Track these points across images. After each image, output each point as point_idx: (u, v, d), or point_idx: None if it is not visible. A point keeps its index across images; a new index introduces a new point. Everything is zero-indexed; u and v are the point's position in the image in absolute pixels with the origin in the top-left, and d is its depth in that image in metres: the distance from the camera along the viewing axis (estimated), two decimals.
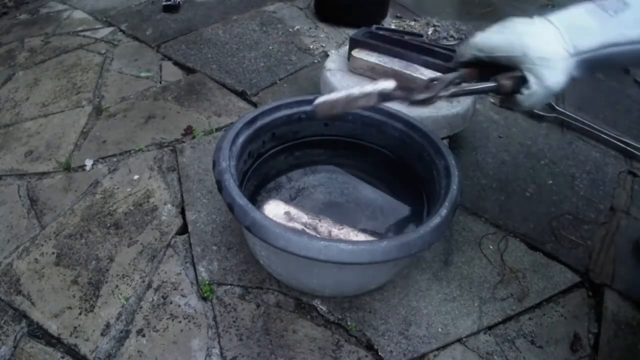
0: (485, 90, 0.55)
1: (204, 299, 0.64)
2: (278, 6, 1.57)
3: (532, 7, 1.83)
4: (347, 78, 0.91)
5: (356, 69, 0.91)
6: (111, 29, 1.39)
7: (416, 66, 0.86)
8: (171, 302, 0.64)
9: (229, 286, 0.66)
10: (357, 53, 0.90)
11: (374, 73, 0.89)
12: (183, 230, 0.75)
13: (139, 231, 0.74)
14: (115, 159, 0.89)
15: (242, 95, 1.09)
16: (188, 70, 1.19)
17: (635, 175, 0.95)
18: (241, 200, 0.51)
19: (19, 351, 0.58)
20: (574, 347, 0.62)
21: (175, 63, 1.22)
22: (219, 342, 0.59)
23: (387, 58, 0.89)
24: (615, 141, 1.00)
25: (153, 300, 0.64)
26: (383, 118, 0.73)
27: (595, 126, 1.04)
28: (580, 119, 1.06)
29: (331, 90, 0.89)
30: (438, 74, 0.62)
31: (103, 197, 0.80)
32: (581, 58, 0.49)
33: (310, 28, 1.44)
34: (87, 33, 1.36)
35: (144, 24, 1.41)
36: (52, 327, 0.60)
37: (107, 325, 0.61)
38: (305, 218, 0.64)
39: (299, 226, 0.63)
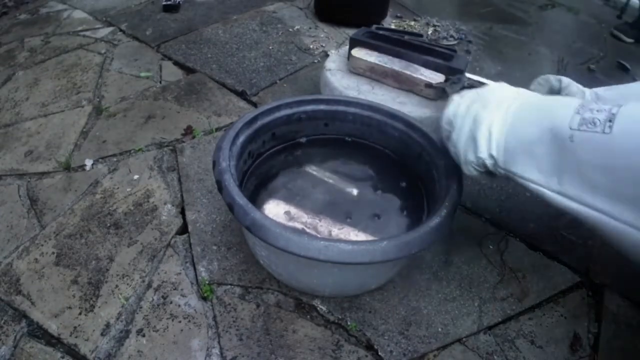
0: None
1: (204, 298, 0.64)
2: (278, 6, 1.57)
3: (532, 7, 1.83)
4: (347, 78, 0.91)
5: (355, 69, 0.91)
6: (111, 28, 1.39)
7: (416, 66, 0.86)
8: (171, 302, 0.64)
9: (229, 286, 0.66)
10: (357, 53, 0.90)
11: (374, 73, 0.88)
12: (183, 230, 0.75)
13: (139, 231, 0.74)
14: (115, 159, 0.89)
15: (242, 95, 1.09)
16: (188, 70, 1.19)
17: None
18: (241, 200, 0.51)
19: (18, 351, 0.58)
20: (574, 347, 0.62)
21: (175, 63, 1.22)
22: (219, 342, 0.59)
23: (387, 58, 0.88)
24: None
25: (153, 300, 0.64)
26: (383, 118, 0.73)
27: None
28: None
29: (331, 90, 0.89)
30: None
31: (103, 197, 0.80)
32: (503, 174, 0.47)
33: (310, 28, 1.44)
34: (87, 33, 1.36)
35: (144, 24, 1.41)
36: (52, 327, 0.60)
37: (107, 325, 0.61)
38: (305, 218, 0.64)
39: (299, 226, 0.63)
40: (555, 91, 0.58)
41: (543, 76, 0.62)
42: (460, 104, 0.50)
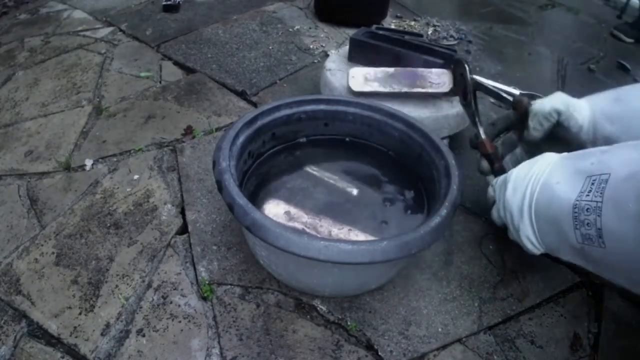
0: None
1: (204, 298, 0.64)
2: (278, 6, 1.57)
3: (532, 7, 1.83)
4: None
5: (357, 94, 0.85)
6: (111, 28, 1.39)
7: (420, 73, 0.83)
8: (171, 302, 0.64)
9: (229, 286, 0.66)
10: (355, 83, 0.83)
11: (380, 96, 0.84)
12: (183, 230, 0.75)
13: (139, 231, 0.74)
14: (115, 159, 0.89)
15: (242, 95, 1.09)
16: (188, 70, 1.19)
17: None
18: (241, 200, 0.51)
19: (18, 351, 0.58)
20: (574, 347, 0.62)
21: (175, 63, 1.22)
22: (219, 342, 0.59)
23: (388, 75, 0.84)
24: None
25: (153, 300, 0.64)
26: (383, 118, 0.73)
27: None
28: None
29: (331, 90, 0.89)
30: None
31: (103, 197, 0.80)
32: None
33: (310, 28, 1.44)
34: (87, 33, 1.36)
35: (144, 24, 1.41)
36: (52, 327, 0.60)
37: (107, 325, 0.61)
38: (305, 218, 0.64)
39: (299, 226, 0.63)
40: (556, 122, 0.63)
41: (542, 112, 0.63)
42: (499, 215, 0.60)
